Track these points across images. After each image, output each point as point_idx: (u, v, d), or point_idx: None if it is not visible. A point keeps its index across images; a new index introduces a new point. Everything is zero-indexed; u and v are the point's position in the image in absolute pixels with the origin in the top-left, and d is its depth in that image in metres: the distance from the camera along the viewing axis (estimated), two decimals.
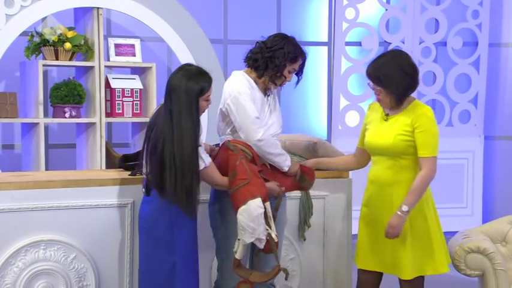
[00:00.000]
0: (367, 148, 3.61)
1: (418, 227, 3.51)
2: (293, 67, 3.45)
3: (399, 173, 3.50)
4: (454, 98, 6.68)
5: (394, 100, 3.48)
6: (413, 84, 3.52)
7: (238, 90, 3.40)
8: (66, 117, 5.28)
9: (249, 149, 3.38)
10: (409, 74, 3.49)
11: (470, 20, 6.64)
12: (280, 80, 3.47)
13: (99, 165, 5.29)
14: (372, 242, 3.59)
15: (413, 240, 3.50)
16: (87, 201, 3.59)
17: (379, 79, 3.46)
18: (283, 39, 3.45)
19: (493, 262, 3.88)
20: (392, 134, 3.48)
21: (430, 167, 3.46)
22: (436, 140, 3.51)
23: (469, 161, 6.65)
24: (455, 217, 6.52)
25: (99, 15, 5.32)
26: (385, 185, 3.53)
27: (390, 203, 3.50)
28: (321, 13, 6.67)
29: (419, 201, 3.47)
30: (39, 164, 5.15)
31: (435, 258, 3.54)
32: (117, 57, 5.52)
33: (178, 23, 5.56)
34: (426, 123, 3.47)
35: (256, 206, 3.24)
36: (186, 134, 3.21)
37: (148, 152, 3.30)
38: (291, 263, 3.99)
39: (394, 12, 6.51)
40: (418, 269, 3.52)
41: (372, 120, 3.63)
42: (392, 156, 3.50)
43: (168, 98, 3.27)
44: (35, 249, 3.51)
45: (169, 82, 3.30)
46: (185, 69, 3.36)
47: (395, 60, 3.49)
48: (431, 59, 6.59)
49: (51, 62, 5.27)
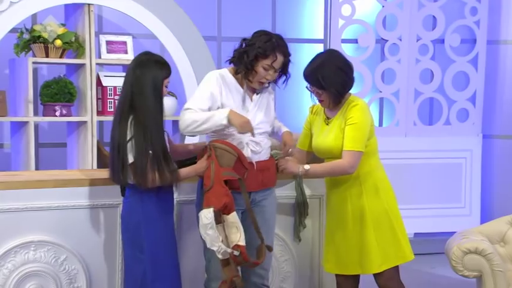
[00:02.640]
0: (316, 152, 3.72)
1: (378, 218, 3.58)
2: (266, 63, 3.45)
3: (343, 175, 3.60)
4: (452, 96, 6.68)
5: (333, 100, 3.57)
6: (350, 82, 3.60)
7: (204, 77, 3.52)
8: (57, 115, 5.27)
9: (234, 148, 3.40)
10: (345, 71, 3.57)
11: (469, 16, 6.65)
12: (253, 76, 3.48)
13: (91, 165, 5.28)
14: (336, 244, 3.68)
15: (376, 232, 3.57)
16: (78, 202, 3.59)
17: (318, 81, 3.54)
18: (260, 36, 3.48)
19: (491, 263, 3.90)
20: (333, 137, 3.58)
21: (349, 160, 3.52)
22: (364, 133, 3.55)
23: (467, 160, 6.66)
24: (453, 217, 6.54)
25: (90, 12, 5.31)
26: (334, 187, 3.67)
27: (344, 203, 3.61)
28: (316, 10, 6.67)
29: (377, 192, 3.58)
30: (29, 164, 5.14)
31: (402, 246, 3.60)
32: (108, 55, 5.51)
33: (171, 19, 5.56)
34: (354, 114, 3.54)
35: (204, 216, 3.25)
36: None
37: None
38: (285, 264, 3.99)
39: (391, 9, 6.52)
40: (386, 261, 3.59)
41: (314, 124, 3.75)
42: (338, 158, 3.57)
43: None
44: (24, 251, 3.51)
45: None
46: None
47: (330, 60, 3.56)
48: (428, 57, 6.59)
49: (41, 60, 5.26)
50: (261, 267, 3.56)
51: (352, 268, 3.65)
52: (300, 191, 3.95)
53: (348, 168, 3.52)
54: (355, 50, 6.59)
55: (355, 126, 3.52)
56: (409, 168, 6.46)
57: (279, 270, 4.00)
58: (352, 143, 3.51)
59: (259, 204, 3.57)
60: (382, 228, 3.59)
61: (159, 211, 3.39)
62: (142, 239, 3.37)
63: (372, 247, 3.57)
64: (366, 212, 3.58)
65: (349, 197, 3.62)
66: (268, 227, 3.62)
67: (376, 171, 3.65)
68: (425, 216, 6.48)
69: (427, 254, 6.09)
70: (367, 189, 3.60)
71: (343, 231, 3.63)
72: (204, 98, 3.45)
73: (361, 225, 3.59)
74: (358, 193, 3.61)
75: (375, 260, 3.57)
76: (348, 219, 3.62)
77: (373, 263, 3.58)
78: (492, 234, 4.16)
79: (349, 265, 3.64)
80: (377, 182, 3.62)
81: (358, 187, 3.61)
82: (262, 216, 3.58)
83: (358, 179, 3.60)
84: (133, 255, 3.42)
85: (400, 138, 6.52)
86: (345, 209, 3.63)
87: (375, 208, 3.59)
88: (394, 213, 3.63)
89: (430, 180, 6.53)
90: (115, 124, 3.39)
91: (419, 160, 6.51)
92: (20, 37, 5.24)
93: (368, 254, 3.58)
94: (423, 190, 6.50)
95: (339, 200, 3.66)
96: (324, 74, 3.52)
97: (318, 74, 3.53)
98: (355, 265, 3.63)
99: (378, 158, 3.69)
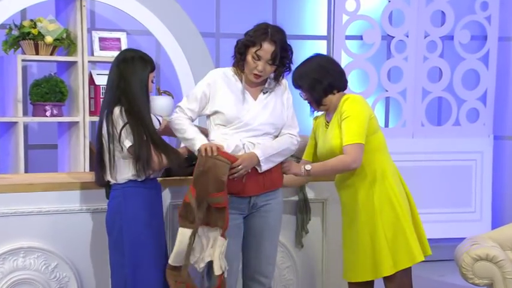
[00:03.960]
0: (320, 158, 3.73)
1: (388, 220, 3.59)
2: (254, 52, 3.47)
3: (350, 175, 3.62)
4: (462, 95, 6.69)
5: (315, 99, 3.64)
6: (336, 82, 3.66)
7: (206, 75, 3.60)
8: (47, 115, 5.27)
9: (226, 156, 3.39)
10: (331, 71, 3.66)
11: (479, 12, 6.65)
12: (246, 67, 3.51)
13: (83, 167, 5.28)
14: (348, 249, 3.69)
15: (387, 235, 3.58)
16: (70, 206, 3.60)
17: (299, 84, 3.65)
18: (259, 25, 3.52)
19: (502, 270, 3.90)
20: (332, 136, 3.61)
21: (350, 153, 3.53)
22: (360, 124, 3.57)
23: (477, 162, 6.66)
24: (463, 222, 6.54)
25: (82, 7, 5.31)
26: (341, 189, 3.70)
27: (355, 205, 3.63)
28: (319, 5, 6.68)
29: (386, 192, 3.59)
30: (18, 166, 5.14)
31: (411, 247, 3.61)
32: (101, 52, 5.51)
33: (167, 15, 5.56)
34: (347, 107, 3.58)
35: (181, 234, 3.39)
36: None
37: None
38: (287, 271, 3.99)
39: (397, 3, 6.52)
40: (397, 263, 3.59)
41: (317, 133, 3.80)
42: None
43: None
44: (13, 257, 3.51)
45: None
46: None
47: (313, 61, 3.68)
48: (437, 54, 6.59)
49: (30, 57, 5.26)
50: (263, 275, 3.57)
51: (369, 273, 3.64)
52: (303, 195, 3.95)
53: (350, 162, 3.52)
54: (360, 47, 6.59)
55: (349, 119, 3.54)
56: (417, 171, 6.45)
57: (280, 278, 4.00)
58: (350, 136, 3.52)
59: (261, 210, 3.56)
60: (390, 229, 3.58)
61: (143, 214, 3.44)
62: (123, 242, 3.42)
63: (383, 249, 3.56)
64: (377, 214, 3.58)
65: (359, 199, 3.62)
66: (273, 235, 3.61)
67: (385, 168, 3.63)
68: (434, 222, 6.46)
69: (436, 261, 6.08)
70: (376, 190, 3.59)
71: (358, 235, 3.63)
72: (195, 99, 3.54)
73: (372, 227, 3.58)
74: (367, 195, 3.60)
75: (387, 262, 3.57)
76: (360, 222, 3.61)
77: (386, 265, 3.57)
78: (504, 240, 4.16)
79: (367, 270, 3.63)
80: (385, 180, 3.61)
81: (367, 188, 3.60)
82: (266, 222, 3.57)
83: (367, 179, 3.60)
84: (116, 260, 3.47)
85: (407, 139, 6.52)
86: (357, 213, 3.63)
87: (385, 209, 3.59)
88: (403, 213, 3.62)
89: (439, 183, 6.53)
90: (102, 118, 3.45)
91: (427, 162, 6.51)
92: (9, 33, 5.24)
93: (380, 257, 3.57)
94: (431, 194, 6.50)
95: (350, 205, 3.68)
96: (303, 75, 3.62)
97: (302, 77, 3.63)
98: (371, 269, 3.62)
99: (385, 154, 3.68)
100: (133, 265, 3.42)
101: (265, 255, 3.58)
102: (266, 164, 3.48)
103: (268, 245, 3.57)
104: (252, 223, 3.56)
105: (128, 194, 3.43)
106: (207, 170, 3.34)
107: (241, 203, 3.47)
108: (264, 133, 3.53)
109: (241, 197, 3.47)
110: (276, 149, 3.51)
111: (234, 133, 3.47)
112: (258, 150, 3.46)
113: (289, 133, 3.60)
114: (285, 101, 3.62)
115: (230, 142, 3.46)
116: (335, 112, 3.65)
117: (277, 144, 3.53)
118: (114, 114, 3.40)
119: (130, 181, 3.44)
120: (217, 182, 3.35)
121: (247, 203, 3.51)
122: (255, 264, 3.58)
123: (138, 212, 3.43)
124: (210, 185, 3.34)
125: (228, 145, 3.44)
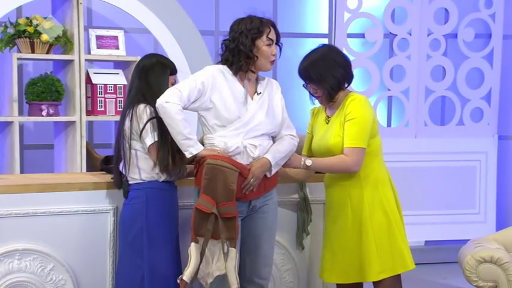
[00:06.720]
0: (315, 152, 3.72)
1: (379, 225, 3.59)
2: (264, 39, 3.50)
3: (344, 175, 3.61)
4: (466, 94, 6.69)
5: (327, 96, 3.60)
6: (347, 77, 3.64)
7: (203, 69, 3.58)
8: (43, 115, 5.28)
9: (233, 163, 3.39)
10: (342, 66, 3.61)
11: (483, 9, 6.65)
12: (258, 62, 3.50)
13: (79, 168, 5.29)
14: (334, 251, 3.68)
15: (376, 240, 3.57)
16: (66, 207, 3.59)
17: (312, 76, 3.58)
18: (239, 24, 3.55)
19: (507, 273, 3.90)
20: (332, 134, 3.60)
21: (354, 157, 3.53)
22: (365, 129, 3.57)
23: (481, 163, 6.66)
24: (467, 224, 6.54)
25: (79, 4, 5.31)
26: (334, 190, 3.68)
27: (344, 207, 3.62)
28: (320, 2, 6.68)
29: (379, 197, 3.59)
30: (13, 167, 5.14)
31: (403, 254, 3.61)
32: (98, 50, 5.51)
33: (166, 12, 5.56)
34: (353, 109, 3.56)
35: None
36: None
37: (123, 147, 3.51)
38: (287, 274, 3.99)
39: (400, 1, 6.52)
40: (387, 269, 3.58)
41: (315, 126, 3.77)
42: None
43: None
44: (8, 260, 3.51)
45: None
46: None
47: (325, 54, 3.61)
48: (440, 52, 6.59)
49: (26, 55, 5.26)
50: (261, 277, 3.57)
51: (352, 275, 3.64)
52: (303, 195, 3.95)
53: (351, 165, 3.52)
54: (362, 45, 6.60)
55: (354, 122, 3.53)
56: (420, 172, 6.46)
57: (280, 281, 4.00)
58: (354, 139, 3.52)
59: (259, 211, 3.57)
60: (382, 235, 3.59)
61: (166, 216, 3.49)
62: (143, 243, 3.45)
63: (371, 253, 3.57)
64: (366, 217, 3.58)
65: (350, 200, 3.62)
66: (270, 236, 3.62)
67: (379, 174, 3.64)
68: (437, 223, 6.48)
69: (439, 263, 6.10)
70: (368, 193, 3.60)
71: (343, 236, 3.63)
72: (193, 88, 3.45)
73: (360, 230, 3.58)
74: (358, 197, 3.60)
75: (374, 267, 3.57)
76: (347, 224, 3.62)
77: (372, 270, 3.58)
78: (508, 242, 4.16)
79: (350, 272, 3.64)
80: (379, 185, 3.62)
81: (359, 190, 3.61)
82: (264, 223, 3.58)
83: (360, 182, 3.60)
84: (131, 261, 3.48)
85: (409, 139, 6.52)
86: (345, 214, 3.63)
87: (376, 213, 3.59)
88: (395, 220, 3.62)
89: (442, 184, 6.53)
90: (125, 115, 3.50)
91: (431, 163, 6.51)
92: (4, 31, 5.24)
93: (367, 260, 3.57)
94: (435, 195, 6.50)
95: (338, 204, 3.67)
96: (318, 68, 3.56)
97: (313, 69, 3.57)
98: (355, 272, 3.62)
99: (381, 159, 3.69)
100: (152, 266, 3.45)
101: (262, 257, 3.59)
102: (275, 169, 3.51)
103: (266, 247, 3.58)
104: (250, 225, 3.56)
105: (151, 196, 3.47)
106: (214, 177, 3.33)
107: (241, 206, 3.47)
108: (262, 133, 3.53)
109: (241, 200, 3.47)
110: (283, 152, 3.53)
111: (233, 135, 3.46)
112: (269, 156, 3.48)
113: (290, 134, 3.61)
114: (278, 101, 3.63)
115: (230, 144, 3.45)
116: (338, 109, 3.64)
117: (283, 148, 3.55)
118: (139, 109, 3.45)
119: (151, 182, 3.47)
120: (226, 191, 3.33)
121: (247, 206, 3.52)
122: (252, 267, 3.59)
123: (162, 214, 3.48)
124: (218, 195, 3.33)
125: (227, 146, 3.44)
